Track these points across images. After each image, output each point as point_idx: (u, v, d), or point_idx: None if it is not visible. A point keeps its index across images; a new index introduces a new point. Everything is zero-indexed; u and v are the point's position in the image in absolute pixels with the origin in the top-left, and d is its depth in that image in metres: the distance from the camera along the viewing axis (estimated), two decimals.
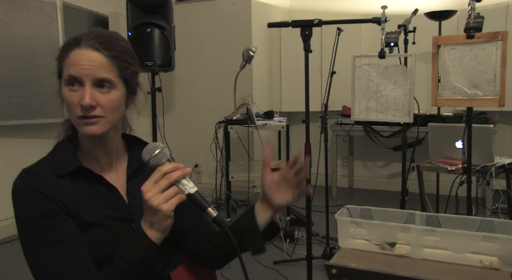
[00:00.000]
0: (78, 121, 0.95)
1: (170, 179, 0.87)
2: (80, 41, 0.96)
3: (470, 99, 1.93)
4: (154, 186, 0.86)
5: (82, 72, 0.93)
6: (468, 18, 1.74)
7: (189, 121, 4.69)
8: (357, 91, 2.25)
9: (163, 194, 0.86)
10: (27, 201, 0.93)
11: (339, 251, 1.56)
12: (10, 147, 3.39)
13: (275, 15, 4.75)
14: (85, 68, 0.93)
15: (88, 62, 0.94)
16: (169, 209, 0.86)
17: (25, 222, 0.93)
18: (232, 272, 2.64)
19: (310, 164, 2.03)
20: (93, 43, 0.95)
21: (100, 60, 0.95)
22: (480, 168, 2.56)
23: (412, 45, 3.09)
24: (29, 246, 0.93)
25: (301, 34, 1.93)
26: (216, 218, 0.87)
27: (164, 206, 0.85)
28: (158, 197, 0.85)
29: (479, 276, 1.34)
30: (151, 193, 0.85)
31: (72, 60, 0.94)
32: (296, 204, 3.97)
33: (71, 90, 0.94)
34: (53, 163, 0.98)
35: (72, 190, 0.96)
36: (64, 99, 0.97)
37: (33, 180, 0.94)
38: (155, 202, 0.85)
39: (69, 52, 0.96)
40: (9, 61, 3.20)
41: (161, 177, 0.87)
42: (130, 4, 3.54)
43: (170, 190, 0.87)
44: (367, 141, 4.35)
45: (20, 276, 2.69)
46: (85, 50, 0.94)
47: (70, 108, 0.95)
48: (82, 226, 0.95)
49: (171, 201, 0.86)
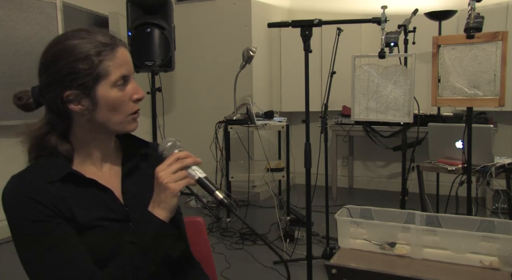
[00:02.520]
0: (128, 119, 0.99)
1: (182, 163, 0.95)
2: (116, 41, 0.97)
3: (470, 99, 1.93)
4: (167, 167, 0.94)
5: (131, 69, 0.99)
6: (468, 18, 1.74)
7: (189, 121, 4.69)
8: (357, 91, 2.25)
9: (174, 175, 0.94)
10: (18, 208, 0.91)
11: (339, 251, 1.56)
12: (10, 147, 3.39)
13: (275, 15, 4.75)
14: (131, 65, 0.99)
15: (129, 60, 0.99)
16: (176, 189, 0.93)
17: (18, 229, 0.91)
18: (232, 272, 2.64)
19: (310, 164, 2.03)
20: (122, 43, 0.99)
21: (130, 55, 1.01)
22: (480, 168, 2.56)
23: (412, 45, 3.09)
24: (24, 252, 0.91)
25: (301, 34, 1.93)
26: (223, 200, 0.95)
27: (172, 185, 0.93)
28: (169, 176, 0.93)
29: (479, 276, 1.34)
30: (164, 172, 0.94)
31: (121, 59, 0.96)
32: (296, 204, 3.97)
33: (123, 90, 0.97)
34: (43, 170, 0.95)
35: (64, 194, 0.93)
36: (111, 100, 0.95)
37: (23, 186, 0.92)
38: (165, 180, 0.93)
39: (114, 51, 0.95)
40: (9, 61, 3.20)
41: (175, 161, 0.95)
42: (130, 4, 3.54)
43: (180, 173, 0.95)
44: (367, 141, 4.35)
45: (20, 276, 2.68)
46: (124, 49, 0.98)
47: (121, 106, 0.97)
48: (78, 230, 0.93)
49: (180, 182, 0.94)
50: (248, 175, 3.44)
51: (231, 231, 3.39)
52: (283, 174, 3.45)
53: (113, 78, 0.94)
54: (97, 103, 0.94)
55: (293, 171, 4.28)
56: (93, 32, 0.96)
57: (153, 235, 0.92)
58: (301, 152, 2.08)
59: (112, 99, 0.94)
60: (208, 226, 3.48)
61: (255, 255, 2.92)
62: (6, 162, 3.35)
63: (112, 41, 0.96)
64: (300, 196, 4.18)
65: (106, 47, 0.94)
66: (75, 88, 0.92)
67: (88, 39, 0.94)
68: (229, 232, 3.37)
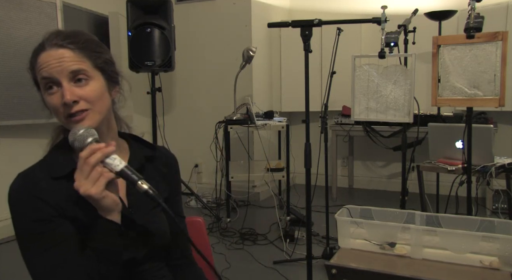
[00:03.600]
0: (67, 121, 0.95)
1: (90, 163, 0.87)
2: (44, 45, 0.95)
3: (470, 99, 1.93)
4: (79, 175, 0.88)
5: (54, 71, 0.92)
6: (468, 18, 1.74)
7: (189, 121, 4.69)
8: (357, 91, 2.25)
9: (88, 179, 0.87)
10: (23, 206, 0.92)
11: (339, 251, 1.56)
12: (10, 147, 3.39)
13: (275, 15, 4.75)
14: (55, 66, 0.92)
15: (56, 60, 0.93)
16: (98, 191, 0.87)
17: (22, 227, 0.92)
18: (232, 272, 2.64)
19: (310, 164, 2.03)
20: (56, 41, 0.95)
21: (67, 54, 0.94)
22: (480, 168, 2.56)
23: (412, 45, 3.09)
24: (27, 250, 0.92)
25: (301, 34, 1.93)
26: (147, 191, 0.88)
27: (92, 190, 0.86)
28: (84, 183, 0.87)
29: (479, 276, 1.34)
30: (78, 182, 0.87)
31: (41, 63, 0.94)
32: (296, 204, 3.97)
33: (51, 94, 0.94)
34: (49, 166, 0.97)
35: (68, 193, 0.94)
36: (48, 106, 0.96)
37: (28, 184, 0.93)
38: (81, 189, 0.86)
39: (36, 58, 0.95)
40: (9, 61, 3.20)
41: (83, 163, 0.88)
42: (130, 4, 3.54)
43: (93, 173, 0.87)
44: (367, 141, 4.35)
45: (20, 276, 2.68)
46: (50, 50, 0.94)
47: (56, 111, 0.95)
48: (81, 229, 0.94)
49: (97, 183, 0.87)
50: (248, 175, 3.43)
51: (231, 231, 3.39)
52: (283, 174, 3.45)
53: (40, 84, 0.95)
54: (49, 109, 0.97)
55: (293, 171, 4.28)
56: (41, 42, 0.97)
57: (105, 237, 0.91)
58: (301, 152, 2.08)
59: (48, 104, 0.96)
60: (208, 226, 3.48)
61: (255, 255, 2.92)
62: (6, 162, 3.36)
63: (38, 48, 0.96)
64: (300, 196, 4.17)
65: (34, 53, 0.96)
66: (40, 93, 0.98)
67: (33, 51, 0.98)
68: (229, 232, 3.37)
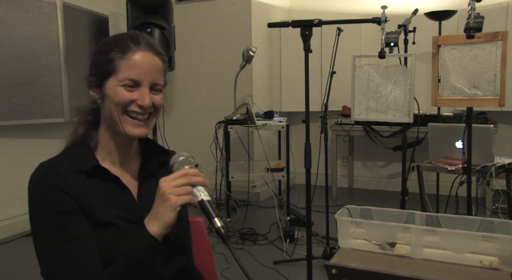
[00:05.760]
0: (124, 118, 0.97)
1: (189, 179, 0.92)
2: (140, 42, 0.97)
3: (470, 99, 1.93)
4: (172, 180, 0.92)
5: (144, 77, 0.96)
6: (468, 18, 1.74)
7: (189, 121, 4.69)
8: (357, 91, 2.25)
9: (177, 189, 0.91)
10: (44, 196, 0.92)
11: (339, 251, 1.56)
12: (10, 147, 3.39)
13: (275, 15, 4.75)
14: (147, 72, 0.96)
15: (150, 66, 0.97)
16: (177, 202, 0.90)
17: (40, 217, 0.92)
18: (232, 272, 2.64)
19: (310, 164, 2.03)
20: (152, 46, 0.98)
21: (158, 64, 0.99)
22: (480, 168, 2.56)
23: (412, 45, 3.09)
24: (42, 241, 0.92)
25: (301, 34, 1.93)
26: (219, 229, 0.93)
27: (173, 197, 0.90)
28: (172, 188, 0.90)
29: (479, 276, 1.34)
30: (167, 183, 0.91)
31: (134, 62, 0.96)
32: (296, 204, 3.97)
33: (128, 90, 0.96)
34: (71, 159, 0.98)
35: (87, 188, 0.96)
36: (113, 95, 0.97)
37: (51, 174, 0.94)
38: (167, 190, 0.90)
39: (129, 52, 0.96)
40: (9, 61, 3.20)
41: (182, 175, 0.92)
42: (130, 4, 3.54)
43: (184, 187, 0.91)
44: (367, 141, 4.35)
45: (20, 276, 2.69)
46: (147, 53, 0.97)
47: (119, 104, 0.96)
48: (94, 225, 0.95)
49: (182, 197, 0.91)
50: (248, 175, 3.43)
51: (231, 231, 3.39)
52: (283, 174, 3.45)
53: (121, 77, 0.96)
54: (104, 94, 0.98)
55: (293, 171, 4.27)
56: (132, 35, 1.00)
57: (143, 251, 0.91)
58: (301, 152, 2.08)
59: (115, 94, 0.96)
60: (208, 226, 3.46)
61: (255, 255, 2.92)
62: (6, 162, 3.36)
63: (132, 41, 0.98)
64: (300, 196, 4.17)
65: (127, 45, 0.97)
66: (93, 76, 1.00)
67: (119, 38, 0.99)
68: (229, 232, 3.37)
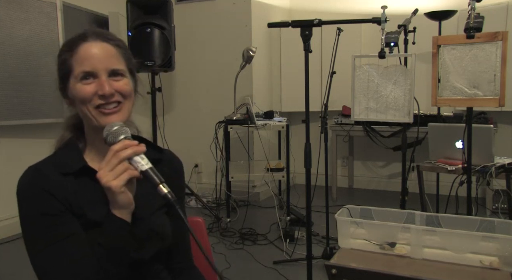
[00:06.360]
0: (96, 112, 0.96)
1: (119, 157, 0.88)
2: (86, 35, 0.96)
3: (470, 99, 1.93)
4: (105, 165, 0.88)
5: (97, 66, 0.94)
6: (468, 18, 1.74)
7: (189, 121, 4.69)
8: (357, 91, 2.25)
9: (113, 171, 0.87)
10: (31, 199, 0.93)
11: (339, 251, 1.56)
12: (10, 147, 3.39)
13: (275, 15, 4.75)
14: (99, 60, 0.94)
15: (101, 54, 0.95)
16: (118, 185, 0.87)
17: (29, 220, 0.93)
18: (232, 272, 2.64)
19: (310, 164, 2.03)
20: (99, 35, 0.96)
21: (110, 50, 0.97)
22: (480, 168, 2.56)
23: (412, 45, 3.09)
24: (32, 244, 0.93)
25: (301, 34, 1.93)
26: (166, 195, 0.88)
27: (113, 182, 0.87)
28: (107, 174, 0.87)
29: (479, 276, 1.34)
30: (102, 171, 0.88)
31: (83, 55, 0.95)
32: (296, 204, 3.97)
33: (86, 84, 0.95)
34: (58, 161, 0.98)
35: (76, 189, 0.96)
36: (75, 94, 0.96)
37: (38, 178, 0.94)
38: (104, 179, 0.87)
39: (77, 47, 0.95)
40: (9, 61, 3.20)
41: (112, 155, 0.89)
42: (130, 4, 3.54)
43: (119, 166, 0.88)
44: (367, 141, 4.35)
45: (20, 276, 2.69)
46: (94, 42, 0.95)
47: (86, 100, 0.95)
48: (86, 225, 0.95)
49: (121, 176, 0.88)
50: (248, 175, 3.44)
51: (231, 231, 3.39)
52: (283, 174, 3.45)
53: (76, 74, 0.95)
54: (71, 97, 0.98)
55: (293, 171, 4.27)
56: (80, 32, 0.98)
57: (114, 235, 0.91)
58: (301, 152, 2.08)
59: (77, 92, 0.96)
60: (208, 226, 3.48)
61: (255, 255, 2.92)
62: (6, 162, 3.36)
63: (79, 37, 0.97)
64: (300, 196, 4.17)
65: (74, 42, 0.96)
66: (60, 82, 1.00)
67: (68, 39, 0.99)
68: (229, 232, 3.37)
